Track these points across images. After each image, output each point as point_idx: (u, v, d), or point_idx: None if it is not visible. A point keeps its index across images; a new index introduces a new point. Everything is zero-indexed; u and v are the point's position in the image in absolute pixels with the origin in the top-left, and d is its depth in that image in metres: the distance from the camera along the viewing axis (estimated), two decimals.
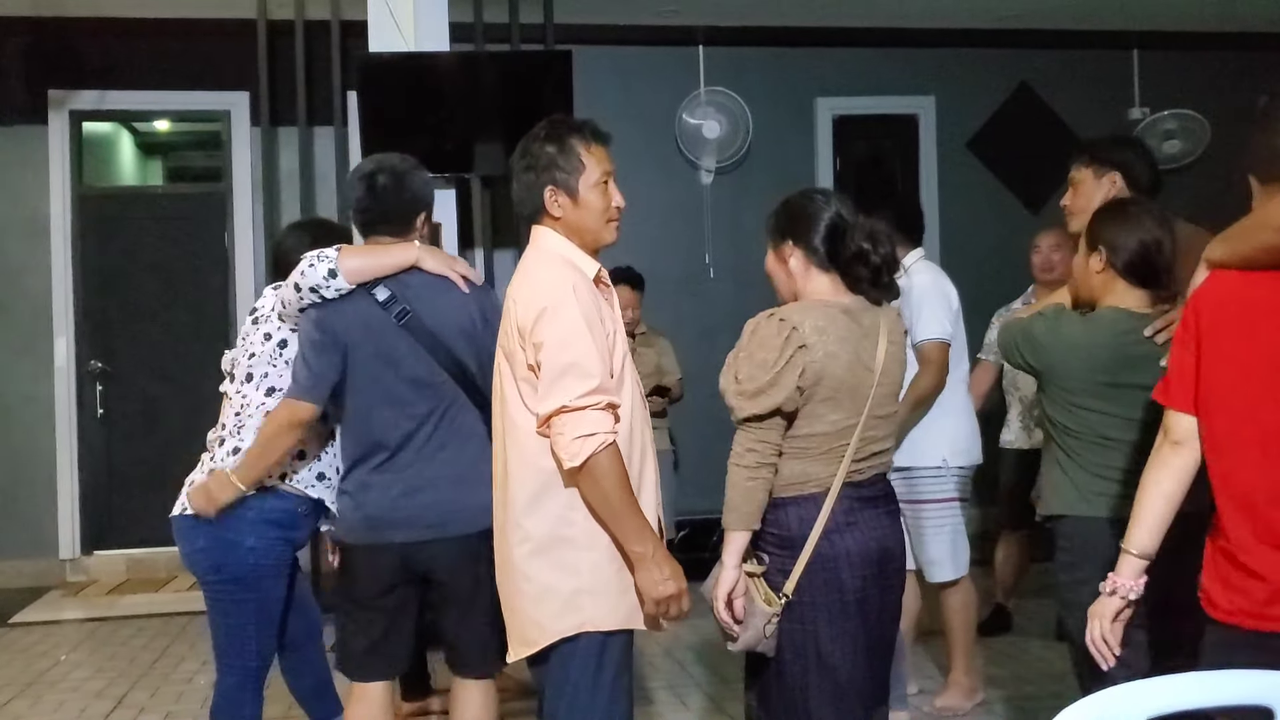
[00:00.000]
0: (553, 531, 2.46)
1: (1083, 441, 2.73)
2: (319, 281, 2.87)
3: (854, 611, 2.53)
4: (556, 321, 2.39)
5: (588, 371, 2.37)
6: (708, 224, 7.26)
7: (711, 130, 7.22)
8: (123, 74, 6.99)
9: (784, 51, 7.55)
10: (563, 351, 2.37)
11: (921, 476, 4.13)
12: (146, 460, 7.03)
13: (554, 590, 2.45)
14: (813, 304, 2.57)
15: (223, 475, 3.10)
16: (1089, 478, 2.72)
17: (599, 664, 2.47)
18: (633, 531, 2.41)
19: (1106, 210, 2.85)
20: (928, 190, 7.80)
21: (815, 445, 2.52)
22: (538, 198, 2.55)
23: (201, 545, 3.15)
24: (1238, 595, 2.17)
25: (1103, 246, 2.76)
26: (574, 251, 2.55)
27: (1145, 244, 2.72)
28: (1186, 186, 7.39)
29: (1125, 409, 2.67)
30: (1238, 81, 7.99)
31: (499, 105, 5.95)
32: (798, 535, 2.52)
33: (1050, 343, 2.77)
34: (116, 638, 5.79)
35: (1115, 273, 2.74)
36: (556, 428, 2.37)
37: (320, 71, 6.40)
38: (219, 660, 3.26)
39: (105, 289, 7.10)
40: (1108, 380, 2.69)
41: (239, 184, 7.13)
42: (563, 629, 2.45)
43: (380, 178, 3.00)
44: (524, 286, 2.49)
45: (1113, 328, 2.73)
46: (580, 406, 2.35)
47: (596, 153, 2.56)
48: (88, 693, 4.89)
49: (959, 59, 7.71)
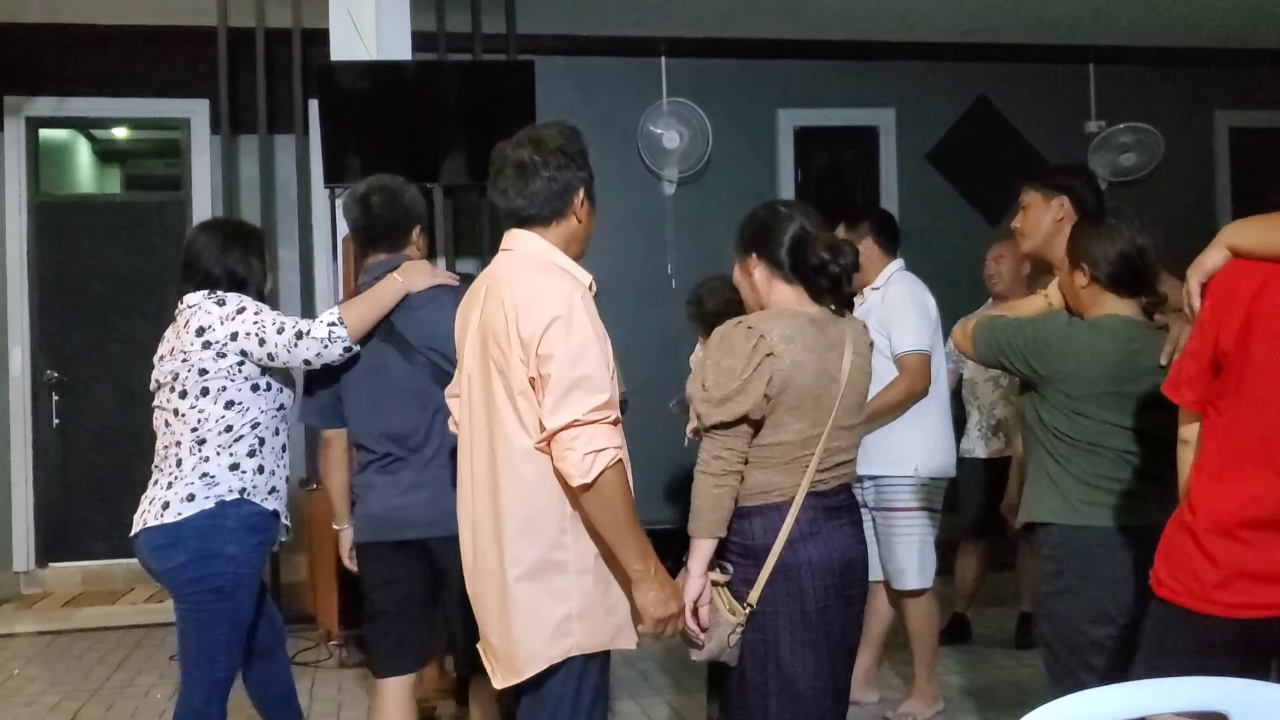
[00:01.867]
0: (546, 555, 2.37)
1: (1075, 448, 2.72)
2: (336, 358, 3.10)
3: (816, 621, 2.53)
4: (568, 334, 2.29)
5: (599, 386, 2.29)
6: (670, 234, 7.27)
7: (672, 140, 7.23)
8: (80, 81, 6.91)
9: (746, 63, 7.58)
10: (575, 365, 2.28)
11: (893, 485, 4.16)
12: (103, 471, 6.95)
13: (545, 617, 2.37)
14: (780, 312, 2.59)
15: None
16: (1078, 486, 2.72)
17: (579, 685, 2.42)
18: (636, 550, 2.34)
19: (1082, 225, 2.87)
20: (888, 201, 7.84)
21: (780, 455, 2.53)
22: (569, 197, 2.47)
23: (182, 559, 3.12)
24: (1186, 574, 2.21)
25: (1084, 263, 2.77)
26: (567, 260, 2.48)
27: (1126, 254, 2.73)
28: (1141, 198, 7.50)
29: (1121, 417, 2.69)
30: (1192, 96, 8.14)
31: (461, 115, 5.93)
32: (761, 545, 2.52)
33: (1062, 348, 2.74)
34: (72, 651, 5.72)
35: (1101, 286, 2.75)
36: (565, 443, 2.27)
37: (281, 79, 6.36)
38: (186, 672, 3.23)
39: (62, 298, 7.01)
40: (1113, 388, 2.69)
41: (198, 192, 7.06)
42: (554, 654, 2.38)
43: (374, 198, 3.19)
44: (528, 297, 2.34)
45: (1122, 334, 2.72)
46: (591, 421, 2.27)
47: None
48: (42, 707, 4.82)
49: (919, 72, 7.77)
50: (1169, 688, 1.69)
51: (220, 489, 3.12)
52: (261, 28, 6.27)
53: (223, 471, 3.13)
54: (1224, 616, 2.18)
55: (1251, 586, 2.16)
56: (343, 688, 4.90)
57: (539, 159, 2.44)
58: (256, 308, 3.19)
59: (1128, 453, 2.69)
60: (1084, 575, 2.68)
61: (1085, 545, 2.69)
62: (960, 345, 3.02)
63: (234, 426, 3.16)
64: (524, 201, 2.45)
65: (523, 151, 2.46)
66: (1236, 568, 2.16)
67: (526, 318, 2.32)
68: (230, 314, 3.16)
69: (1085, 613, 2.68)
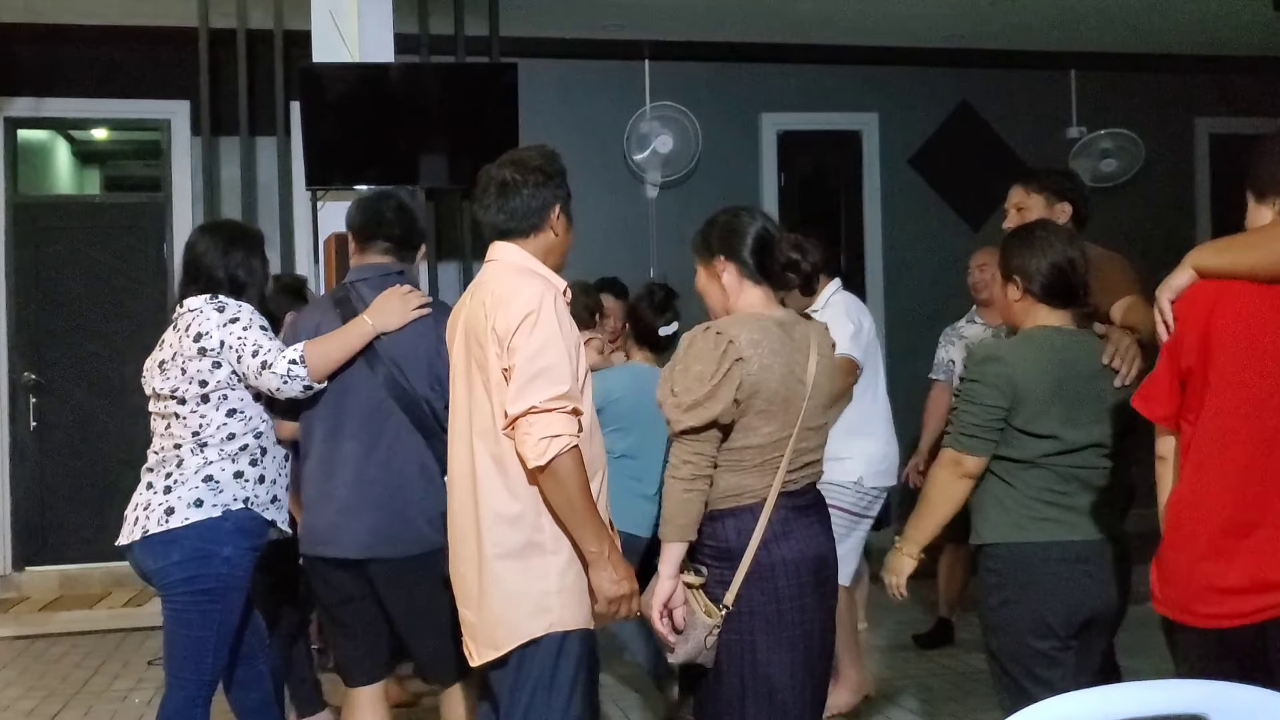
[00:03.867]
0: (525, 538, 2.52)
1: (1020, 465, 2.71)
2: (298, 394, 3.08)
3: (791, 620, 2.56)
4: (535, 329, 2.47)
5: (558, 378, 2.45)
6: (653, 238, 7.28)
7: (665, 144, 7.24)
8: (60, 81, 6.87)
9: (729, 67, 7.59)
10: (537, 357, 2.45)
11: (834, 486, 4.20)
12: (81, 475, 6.90)
13: (524, 593, 2.52)
14: (747, 317, 2.61)
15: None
16: (1024, 502, 2.70)
17: (556, 663, 2.54)
18: (591, 532, 2.48)
19: (1014, 239, 2.85)
20: (870, 206, 7.88)
21: (750, 457, 2.55)
22: (546, 212, 2.66)
23: (177, 559, 3.12)
24: (1170, 588, 2.31)
25: (1017, 275, 2.77)
26: (544, 269, 2.66)
27: (1057, 265, 2.73)
28: (1121, 204, 7.54)
29: (1063, 429, 2.68)
30: (1172, 102, 8.19)
31: (443, 117, 5.93)
32: (735, 546, 2.55)
33: (1014, 372, 2.67)
34: (49, 655, 5.67)
35: (1034, 298, 2.76)
36: (523, 428, 2.43)
37: (262, 81, 6.33)
38: (172, 675, 3.22)
39: (39, 300, 6.95)
40: (1053, 399, 2.68)
41: (179, 194, 7.03)
42: (532, 630, 2.51)
43: (390, 201, 3.25)
44: (504, 296, 2.53)
45: (1056, 343, 2.73)
46: (548, 409, 2.42)
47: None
48: (19, 712, 4.78)
49: (902, 77, 7.80)
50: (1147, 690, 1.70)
51: (225, 497, 3.14)
52: (243, 29, 6.24)
53: (227, 478, 3.16)
54: (1203, 628, 2.22)
55: (1221, 598, 2.21)
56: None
57: (519, 178, 2.64)
58: (247, 322, 3.17)
59: (1073, 466, 2.69)
60: (1025, 588, 2.68)
61: (1026, 559, 2.68)
62: (965, 469, 2.75)
63: (236, 434, 3.18)
64: (504, 216, 2.65)
65: (505, 171, 2.66)
66: (1205, 580, 2.23)
67: (503, 314, 2.50)
68: (225, 321, 3.17)
69: (1027, 625, 2.68)
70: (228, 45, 6.27)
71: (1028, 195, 3.41)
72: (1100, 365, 2.71)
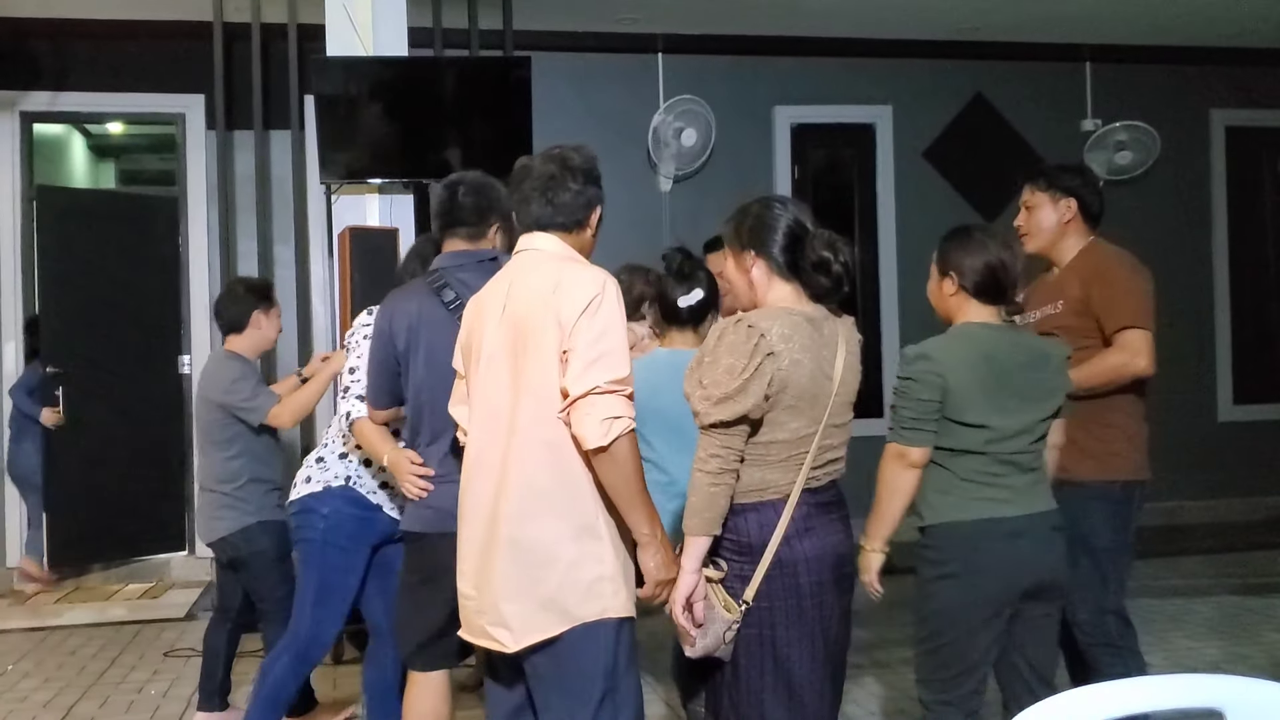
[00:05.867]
0: (581, 522, 2.52)
1: (956, 454, 2.87)
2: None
3: (812, 615, 2.55)
4: (600, 312, 2.49)
5: (619, 362, 2.48)
6: (666, 231, 7.27)
7: (689, 138, 7.24)
8: (75, 75, 6.91)
9: (743, 60, 7.58)
10: (601, 340, 2.47)
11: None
12: (94, 466, 6.91)
13: (579, 577, 2.51)
14: (778, 311, 2.58)
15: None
16: (962, 484, 2.86)
17: (614, 649, 2.53)
18: (644, 515, 2.50)
19: (953, 237, 3.00)
20: (884, 199, 7.87)
21: (775, 453, 2.53)
22: (589, 211, 2.70)
23: (291, 518, 3.69)
24: None
25: (952, 271, 2.94)
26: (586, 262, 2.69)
27: (991, 266, 2.88)
28: (1137, 197, 7.51)
29: (990, 416, 2.82)
30: (1188, 95, 8.15)
31: (457, 111, 5.93)
32: (757, 542, 2.53)
33: (942, 368, 2.83)
34: (65, 647, 5.70)
35: (967, 294, 2.92)
36: (584, 408, 2.43)
37: (277, 75, 6.34)
38: (287, 628, 3.72)
39: (57, 294, 6.97)
40: (980, 391, 2.83)
41: (193, 188, 7.06)
42: (585, 614, 2.50)
43: (461, 186, 3.28)
44: (565, 281, 2.53)
45: (982, 337, 2.89)
46: (610, 390, 2.44)
47: None
48: (35, 703, 4.81)
49: (916, 69, 7.78)
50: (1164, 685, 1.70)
51: (328, 475, 3.64)
52: (257, 23, 6.25)
53: (333, 459, 3.67)
54: None
55: None
56: (337, 683, 4.89)
57: (566, 174, 2.66)
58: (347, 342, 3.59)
59: (1006, 451, 2.85)
60: (966, 563, 2.83)
61: (966, 537, 2.84)
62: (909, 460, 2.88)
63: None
64: (551, 210, 2.66)
65: (551, 165, 2.67)
66: None
67: (566, 298, 2.50)
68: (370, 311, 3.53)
69: (967, 597, 2.83)
70: (242, 39, 6.29)
71: (1033, 193, 3.53)
72: (1026, 358, 2.87)
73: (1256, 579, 6.33)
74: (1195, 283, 7.91)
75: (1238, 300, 8.27)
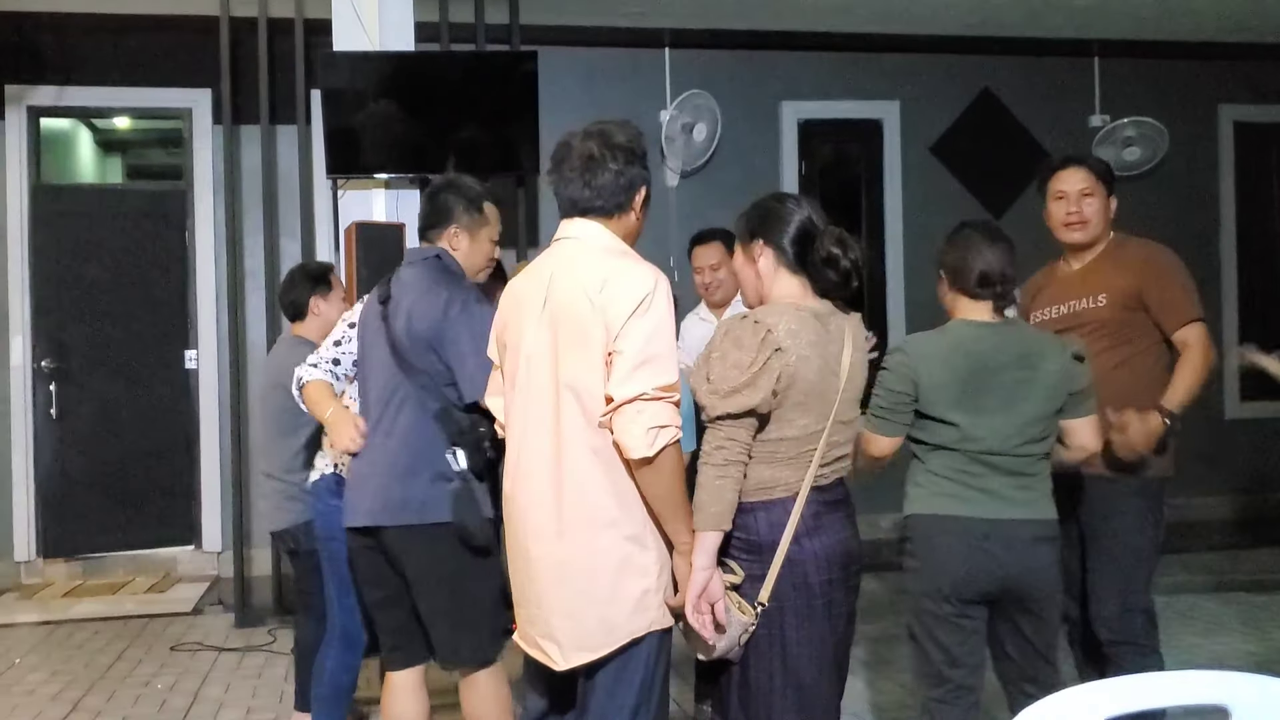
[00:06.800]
0: (628, 533, 2.44)
1: (928, 447, 2.92)
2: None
3: (821, 614, 2.53)
4: (650, 312, 2.38)
5: (666, 368, 2.37)
6: (673, 227, 7.26)
7: (700, 132, 7.23)
8: (82, 70, 6.91)
9: (750, 55, 7.57)
10: (649, 343, 2.36)
11: None
12: (101, 461, 6.95)
13: (628, 592, 2.43)
14: (785, 306, 2.57)
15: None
16: (933, 479, 2.91)
17: (657, 661, 2.49)
18: (685, 524, 2.43)
19: (950, 237, 3.03)
20: (892, 194, 7.85)
21: (784, 450, 2.52)
22: (632, 193, 2.55)
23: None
24: None
25: (943, 270, 2.99)
26: (634, 254, 2.55)
27: (973, 262, 2.91)
28: (1145, 193, 7.48)
29: (960, 414, 2.84)
30: (1196, 90, 8.12)
31: (464, 105, 5.92)
32: (766, 540, 2.52)
33: (914, 362, 2.89)
34: (72, 641, 5.72)
35: (960, 293, 2.95)
36: (629, 415, 2.33)
37: (283, 70, 6.35)
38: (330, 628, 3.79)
39: (61, 288, 6.99)
40: (949, 387, 2.85)
41: (200, 182, 7.06)
42: (635, 629, 2.44)
43: (430, 192, 3.34)
44: (613, 279, 2.41)
45: (962, 338, 2.91)
46: (657, 398, 2.34)
47: None
48: (43, 697, 4.82)
49: (923, 65, 7.76)
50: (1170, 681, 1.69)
51: (324, 463, 3.75)
52: (264, 17, 6.25)
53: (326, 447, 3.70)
54: None
55: None
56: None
57: (607, 153, 2.52)
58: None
59: (980, 451, 2.85)
60: (926, 557, 2.91)
61: (926, 529, 2.91)
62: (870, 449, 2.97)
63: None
64: (590, 193, 2.52)
65: (590, 144, 2.52)
66: None
67: (614, 297, 2.38)
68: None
69: (927, 589, 2.91)
70: (249, 34, 6.29)
71: (1093, 181, 3.44)
72: (1013, 357, 2.84)
73: (1264, 575, 6.32)
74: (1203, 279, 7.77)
75: (1245, 296, 8.24)
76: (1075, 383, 2.88)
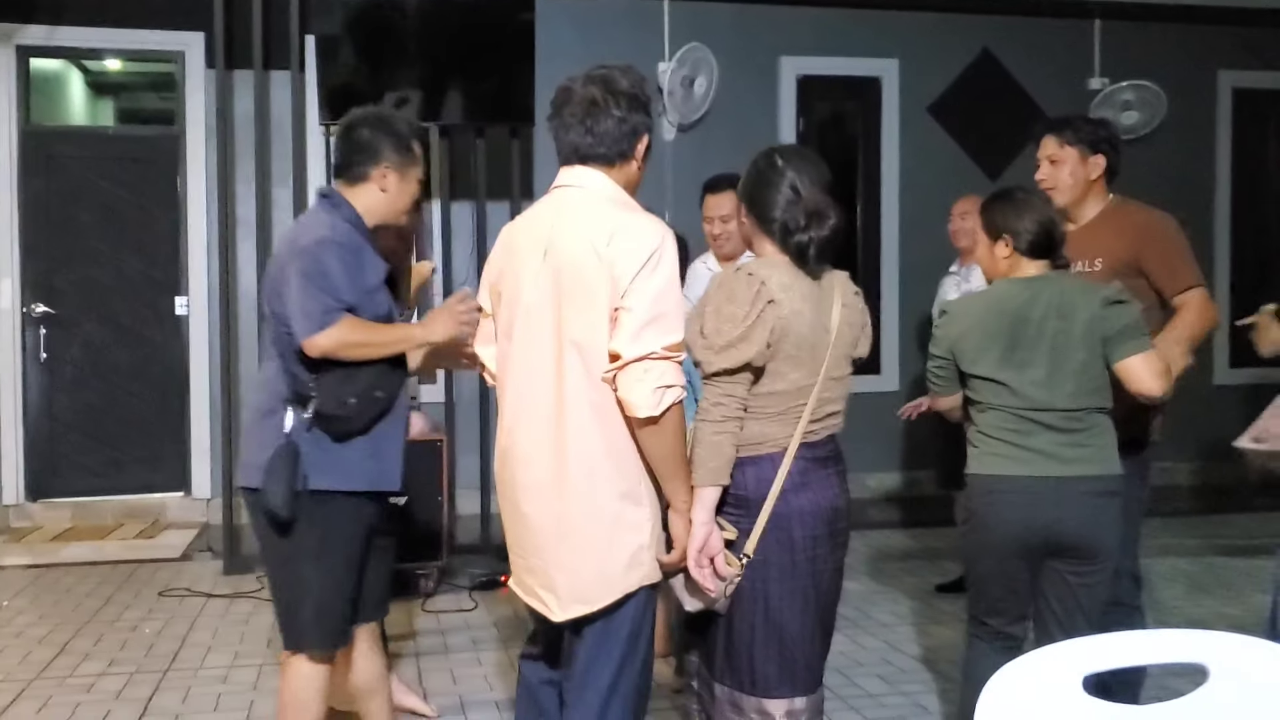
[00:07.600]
0: (625, 490, 2.44)
1: (978, 407, 2.97)
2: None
3: (804, 570, 2.55)
4: (657, 270, 2.34)
5: (674, 325, 2.35)
6: (669, 181, 7.23)
7: (700, 85, 7.17)
8: (73, 9, 6.82)
9: (748, 9, 7.50)
10: (657, 301, 2.33)
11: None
12: (91, 406, 6.95)
13: (622, 547, 2.44)
14: (777, 260, 2.57)
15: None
16: (984, 439, 2.97)
17: (644, 614, 2.51)
18: (684, 484, 2.45)
19: (997, 201, 3.04)
20: (889, 153, 7.82)
21: (774, 405, 2.52)
22: (634, 140, 2.50)
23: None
24: None
25: (1006, 234, 2.98)
26: (636, 205, 2.51)
27: (1043, 224, 2.94)
28: (1142, 157, 7.45)
29: (1000, 370, 2.88)
30: (1196, 55, 8.07)
31: (460, 53, 5.88)
32: (754, 495, 2.53)
33: (952, 323, 2.98)
34: (61, 585, 5.74)
35: (1020, 254, 2.96)
36: (636, 373, 2.31)
37: (278, 14, 6.27)
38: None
39: (50, 231, 6.95)
40: (988, 344, 2.89)
41: (192, 127, 7.00)
42: (628, 584, 2.45)
43: (344, 128, 3.10)
44: (619, 232, 2.36)
45: (1003, 295, 2.94)
46: (664, 357, 2.32)
47: None
48: (30, 639, 4.85)
49: (923, 23, 7.70)
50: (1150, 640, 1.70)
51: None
52: None
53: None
54: None
55: None
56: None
57: (610, 98, 2.45)
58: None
59: (1024, 408, 2.87)
60: (974, 515, 2.99)
61: (977, 490, 2.98)
62: (937, 406, 3.21)
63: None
64: (592, 139, 2.47)
65: (593, 89, 2.46)
66: None
67: (621, 251, 2.34)
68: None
69: (972, 549, 3.03)
70: None
71: (1061, 148, 3.40)
72: (1050, 309, 2.86)
73: (1245, 541, 6.37)
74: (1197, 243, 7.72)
75: (1239, 262, 8.25)
76: (1109, 325, 2.84)
